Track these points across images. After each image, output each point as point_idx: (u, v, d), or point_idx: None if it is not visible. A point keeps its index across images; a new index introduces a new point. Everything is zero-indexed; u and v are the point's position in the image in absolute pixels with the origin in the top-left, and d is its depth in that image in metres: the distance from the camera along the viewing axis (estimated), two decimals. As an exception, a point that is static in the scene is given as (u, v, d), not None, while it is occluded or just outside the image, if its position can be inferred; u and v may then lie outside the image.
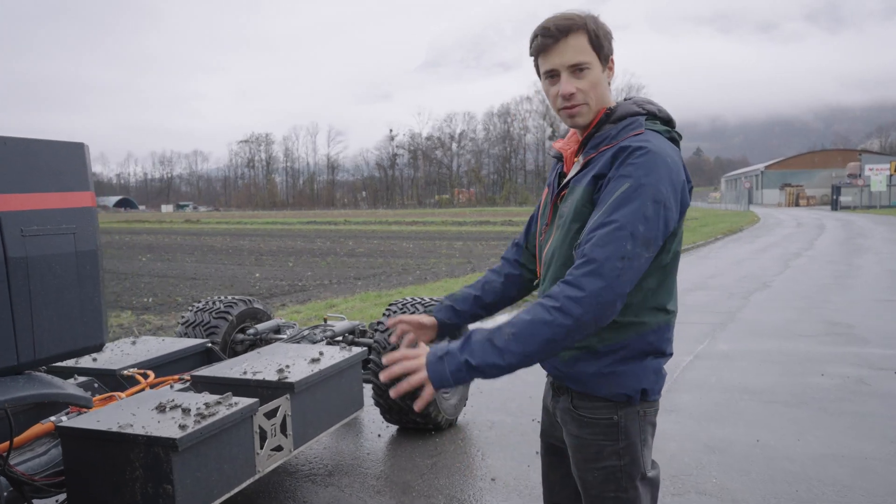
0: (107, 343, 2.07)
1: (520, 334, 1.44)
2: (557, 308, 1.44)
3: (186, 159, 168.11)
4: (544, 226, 1.82)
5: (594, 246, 1.49)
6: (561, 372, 1.73)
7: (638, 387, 1.67)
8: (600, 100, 1.68)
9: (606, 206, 1.52)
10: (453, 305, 1.99)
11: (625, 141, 1.61)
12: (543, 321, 1.44)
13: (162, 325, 8.97)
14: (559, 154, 1.85)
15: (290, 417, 3.10)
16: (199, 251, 23.19)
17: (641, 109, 1.69)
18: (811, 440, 4.06)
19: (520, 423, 4.52)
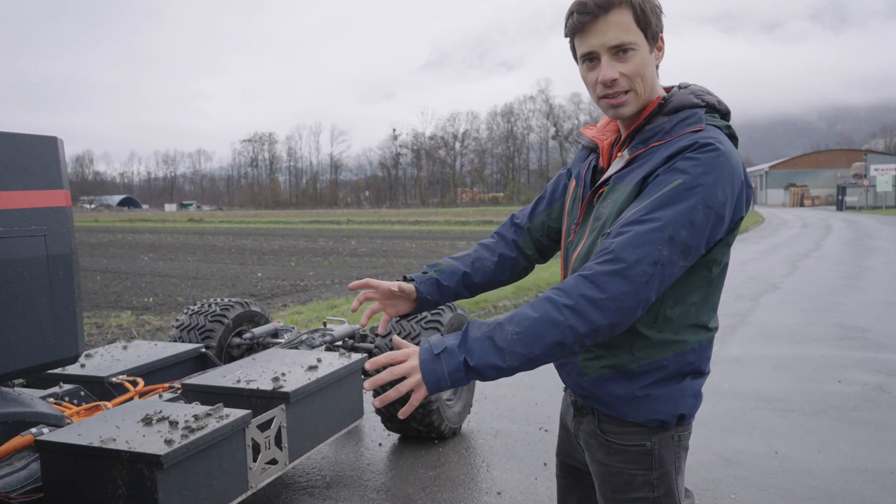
0: (82, 353, 1.90)
1: (525, 334, 1.26)
2: (570, 308, 1.26)
3: (190, 158, 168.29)
4: (573, 225, 1.61)
5: (626, 244, 1.30)
6: (586, 391, 1.54)
7: (675, 412, 1.48)
8: (649, 87, 1.46)
9: (650, 201, 1.33)
10: (439, 280, 1.72)
11: (685, 137, 1.39)
12: (553, 321, 1.26)
13: (161, 326, 8.82)
14: (593, 144, 1.64)
15: (286, 429, 2.93)
16: (202, 250, 23.06)
17: (700, 101, 1.46)
18: (833, 453, 3.88)
19: (526, 432, 4.35)
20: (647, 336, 1.45)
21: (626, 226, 1.33)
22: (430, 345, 1.29)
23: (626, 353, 1.47)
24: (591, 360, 1.51)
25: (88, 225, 48.04)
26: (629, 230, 1.32)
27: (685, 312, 1.45)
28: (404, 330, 3.98)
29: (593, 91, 1.48)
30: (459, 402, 4.37)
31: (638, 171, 1.42)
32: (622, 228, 1.33)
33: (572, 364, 1.56)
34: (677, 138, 1.40)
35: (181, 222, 53.08)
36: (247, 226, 45.47)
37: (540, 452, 4.01)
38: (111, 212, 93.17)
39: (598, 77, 1.43)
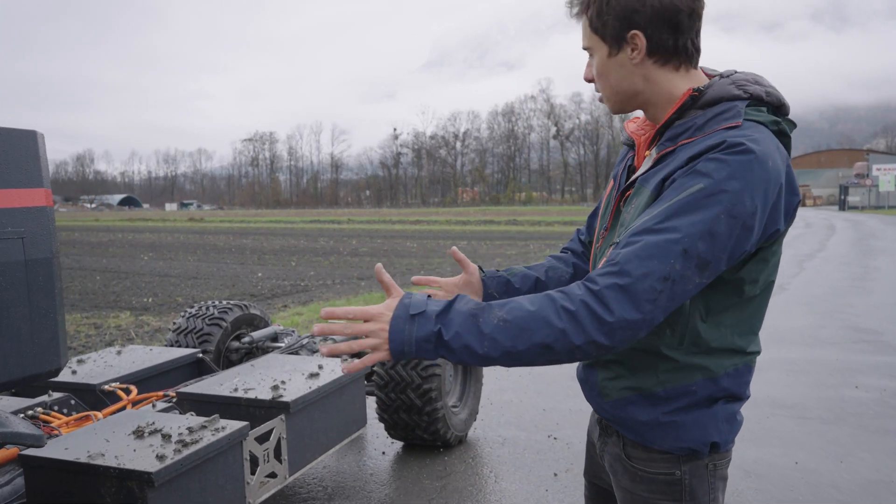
0: (64, 366, 1.76)
1: (512, 324, 1.13)
2: (571, 314, 1.13)
3: (190, 158, 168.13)
4: (603, 230, 1.46)
5: (634, 255, 1.14)
6: (607, 413, 1.40)
7: (705, 440, 1.31)
8: (623, 90, 1.35)
9: (665, 207, 1.17)
10: (510, 280, 1.61)
11: (715, 135, 1.22)
12: (547, 321, 1.12)
13: (160, 327, 8.68)
14: (631, 141, 1.49)
15: (285, 440, 2.79)
16: (202, 250, 22.92)
17: (742, 92, 1.27)
18: (856, 463, 3.73)
19: (534, 440, 4.20)
20: (672, 358, 1.29)
21: (636, 235, 1.18)
22: (410, 303, 1.16)
23: (650, 375, 1.32)
24: (611, 379, 1.37)
25: (89, 224, 47.91)
26: (639, 240, 1.16)
27: (717, 335, 1.28)
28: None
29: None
30: (465, 409, 4.22)
31: (661, 173, 1.26)
32: (631, 238, 1.18)
33: (592, 383, 1.42)
34: (707, 136, 1.23)
35: (181, 222, 52.96)
36: (247, 225, 45.33)
37: (550, 462, 3.86)
38: (112, 211, 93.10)
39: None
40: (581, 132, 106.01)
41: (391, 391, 3.79)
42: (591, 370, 1.43)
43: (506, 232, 32.67)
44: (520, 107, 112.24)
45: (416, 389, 3.73)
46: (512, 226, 38.79)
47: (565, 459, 3.88)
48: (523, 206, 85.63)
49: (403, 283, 12.91)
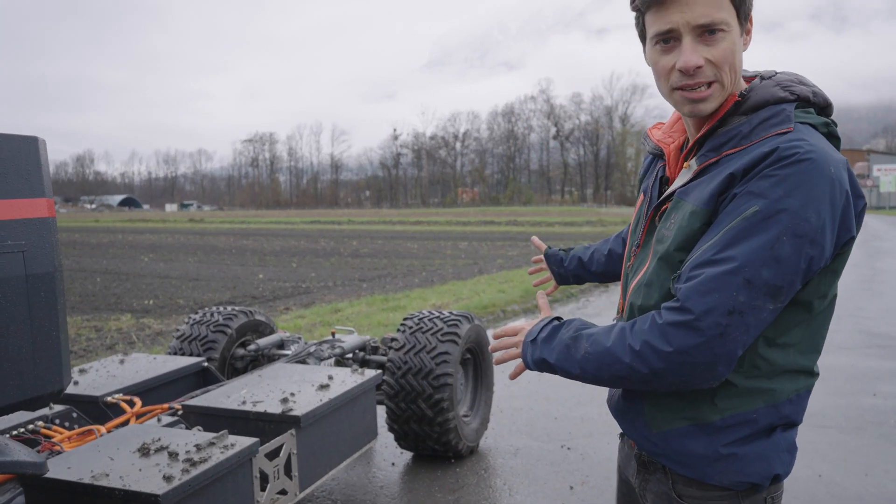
0: (67, 386, 1.66)
1: (594, 357, 1.22)
2: (636, 353, 1.16)
3: (191, 158, 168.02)
4: (635, 247, 1.36)
5: (694, 291, 1.10)
6: (655, 447, 1.28)
7: (769, 472, 1.21)
8: (736, 78, 1.18)
9: (721, 235, 1.10)
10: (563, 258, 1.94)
11: (767, 142, 1.12)
12: (618, 358, 1.19)
13: (162, 330, 8.58)
14: (658, 150, 1.37)
15: (296, 456, 2.68)
16: (202, 251, 22.83)
17: (788, 94, 1.18)
18: (881, 476, 3.62)
19: (548, 450, 4.09)
20: (731, 383, 1.19)
21: (697, 268, 1.13)
22: (533, 329, 1.34)
23: (706, 402, 1.21)
24: (662, 409, 1.25)
25: (89, 225, 47.80)
26: (699, 273, 1.12)
27: (782, 356, 1.19)
28: (419, 342, 3.72)
29: (665, 80, 1.20)
30: (477, 418, 4.12)
31: (706, 187, 1.16)
32: (692, 272, 1.13)
33: (636, 413, 1.30)
34: (757, 144, 1.13)
35: (182, 222, 52.87)
36: (247, 226, 45.25)
37: (564, 474, 3.75)
38: (112, 212, 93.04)
39: (675, 63, 1.16)
40: (581, 133, 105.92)
41: (402, 401, 3.68)
42: (634, 400, 1.31)
43: (506, 233, 32.57)
44: (520, 107, 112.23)
45: (428, 399, 3.62)
46: (512, 226, 38.69)
47: (580, 472, 3.78)
48: (523, 206, 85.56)
49: (406, 285, 12.81)
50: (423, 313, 3.97)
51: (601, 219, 44.70)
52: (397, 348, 3.75)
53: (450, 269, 15.81)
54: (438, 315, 3.92)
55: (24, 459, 1.43)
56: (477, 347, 4.09)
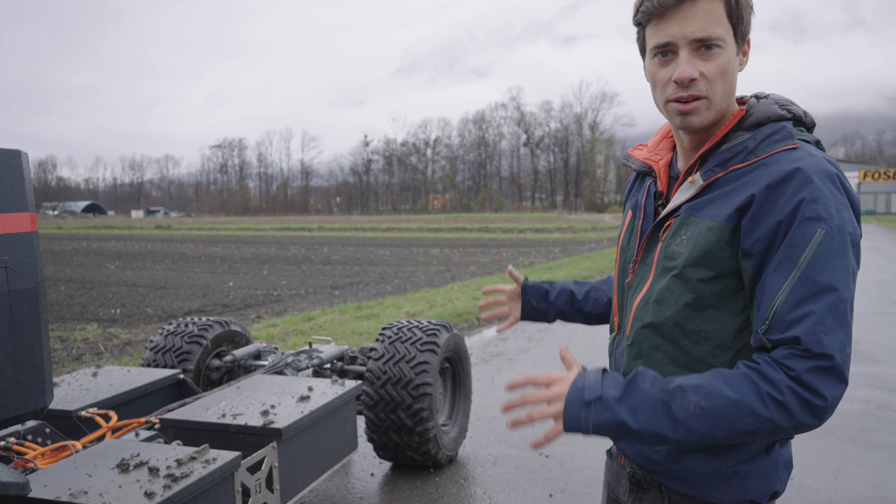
0: (49, 403, 1.62)
1: (712, 413, 1.07)
2: (780, 404, 1.06)
3: (157, 164, 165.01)
4: (631, 264, 1.36)
5: (820, 332, 1.06)
6: (656, 465, 1.29)
7: (769, 489, 1.24)
8: (727, 97, 1.22)
9: (805, 268, 1.09)
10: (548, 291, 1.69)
11: (780, 158, 1.16)
12: (752, 410, 1.06)
13: (130, 340, 8.41)
14: (646, 167, 1.39)
15: (277, 469, 2.66)
16: (170, 258, 22.46)
17: (787, 112, 1.23)
18: (850, 479, 3.72)
19: (526, 459, 4.11)
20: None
21: (798, 307, 1.08)
22: (584, 386, 1.13)
23: None
24: None
25: (52, 232, 46.65)
26: (808, 312, 1.07)
27: None
28: (398, 352, 3.72)
29: (661, 91, 1.22)
30: (455, 427, 4.12)
31: (723, 203, 1.18)
32: (794, 313, 1.08)
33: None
34: (767, 158, 1.17)
35: (148, 229, 51.95)
36: (216, 233, 44.63)
37: (543, 482, 3.78)
38: (75, 218, 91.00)
39: (671, 75, 1.19)
40: (551, 140, 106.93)
41: (381, 411, 3.67)
42: None
43: (478, 239, 32.67)
44: (490, 114, 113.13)
45: (407, 409, 3.62)
46: (484, 233, 38.84)
47: (559, 479, 3.80)
48: (494, 213, 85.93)
49: (379, 293, 12.77)
50: (402, 323, 3.97)
51: (571, 225, 45.12)
52: (376, 358, 3.74)
53: (422, 277, 15.80)
54: (417, 324, 3.92)
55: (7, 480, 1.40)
56: (455, 356, 4.10)
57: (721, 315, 1.19)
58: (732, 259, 1.17)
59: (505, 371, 6.21)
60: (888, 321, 8.47)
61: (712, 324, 1.19)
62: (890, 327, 8.06)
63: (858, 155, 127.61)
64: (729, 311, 1.19)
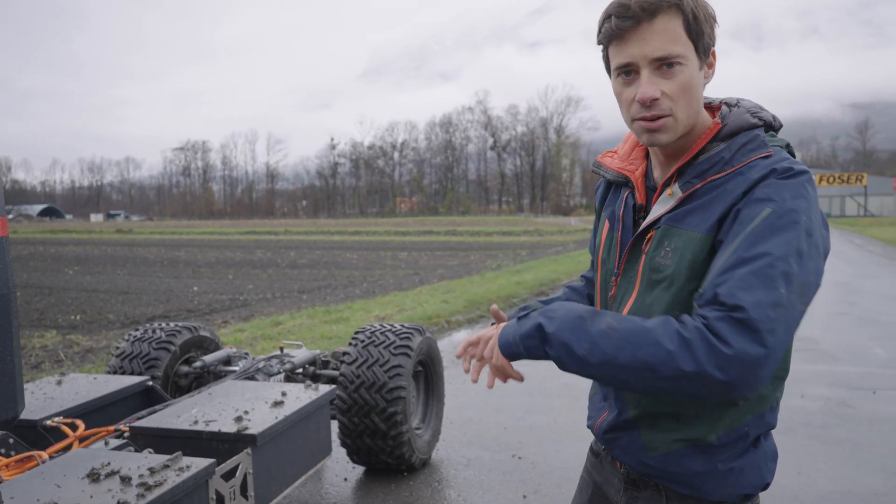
0: (21, 413, 1.58)
1: (620, 333, 1.11)
2: (685, 341, 1.06)
3: (117, 166, 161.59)
4: (613, 277, 1.36)
5: (735, 288, 1.07)
6: (653, 469, 1.30)
7: (762, 481, 1.28)
8: (693, 112, 1.23)
9: (742, 238, 1.12)
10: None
11: (755, 166, 1.19)
12: (658, 341, 1.08)
13: (92, 347, 8.21)
14: (622, 178, 1.39)
15: (252, 475, 2.63)
16: (132, 263, 22.00)
17: (759, 120, 1.25)
18: (813, 474, 3.82)
19: (499, 461, 4.13)
20: (733, 402, 1.23)
21: (726, 272, 1.10)
22: (518, 311, 1.23)
23: (704, 422, 1.25)
24: (659, 433, 1.28)
25: (6, 236, 45.20)
26: (731, 276, 1.09)
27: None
28: (371, 356, 3.70)
29: (627, 111, 1.25)
30: (429, 430, 4.12)
31: (703, 213, 1.20)
32: (721, 277, 1.11)
33: (631, 439, 1.32)
34: (743, 167, 1.20)
35: (108, 233, 50.78)
36: (179, 237, 43.85)
37: (516, 483, 3.80)
38: (31, 222, 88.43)
39: (635, 94, 1.21)
40: (517, 143, 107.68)
41: (354, 415, 3.65)
42: (628, 428, 1.33)
43: (446, 242, 32.72)
44: (457, 118, 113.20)
45: (381, 413, 3.61)
46: (451, 236, 38.91)
47: (532, 480, 3.83)
48: (462, 216, 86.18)
49: (347, 296, 12.69)
50: (375, 326, 3.96)
51: (538, 228, 45.49)
52: (349, 362, 3.72)
53: (391, 280, 15.76)
54: (390, 328, 3.91)
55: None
56: (428, 360, 4.10)
57: None
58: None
59: (476, 374, 6.23)
60: (846, 321, 8.74)
61: None
62: (848, 327, 8.32)
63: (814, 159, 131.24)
64: None
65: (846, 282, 12.96)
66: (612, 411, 1.37)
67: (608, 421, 1.38)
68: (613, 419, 1.36)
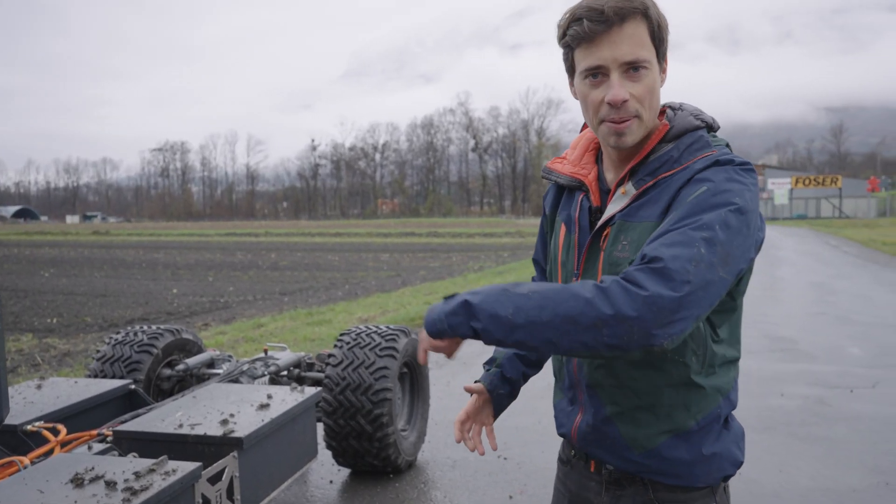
0: (6, 416, 1.55)
1: (540, 294, 1.14)
2: (602, 289, 1.11)
3: (94, 167, 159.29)
4: (574, 277, 1.40)
5: (659, 245, 1.14)
6: (639, 465, 1.33)
7: (737, 462, 1.35)
8: (654, 112, 1.31)
9: (675, 213, 1.20)
10: (502, 372, 1.61)
11: (699, 162, 1.27)
12: (576, 294, 1.12)
13: (69, 351, 8.10)
14: (576, 182, 1.43)
15: (238, 479, 2.61)
16: (110, 265, 21.71)
17: (701, 122, 1.33)
18: (793, 472, 3.88)
19: (484, 461, 4.14)
20: (700, 385, 1.29)
21: (653, 241, 1.17)
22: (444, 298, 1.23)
23: (682, 410, 1.29)
24: (639, 428, 1.31)
25: (-21, 238, 44.42)
26: (655, 241, 1.16)
27: (723, 350, 1.31)
28: (357, 358, 3.69)
29: (594, 112, 1.30)
30: (414, 432, 4.12)
31: (654, 205, 1.28)
32: (647, 245, 1.17)
33: (612, 439, 1.35)
34: (689, 165, 1.27)
35: (85, 235, 50.07)
36: (158, 238, 43.38)
37: (503, 484, 3.81)
38: (5, 224, 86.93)
39: (604, 96, 1.26)
40: (499, 145, 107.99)
41: (340, 417, 3.64)
42: (607, 427, 1.36)
43: (427, 244, 32.72)
44: (439, 119, 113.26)
45: (367, 415, 3.60)
46: (433, 238, 38.91)
47: (518, 481, 3.85)
48: (443, 217, 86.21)
49: (329, 298, 12.63)
50: (360, 328, 3.95)
51: (519, 230, 45.62)
52: (335, 364, 3.71)
53: (373, 282, 15.72)
54: (376, 329, 3.90)
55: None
56: (414, 361, 4.10)
57: None
58: None
59: (461, 375, 6.24)
60: (823, 321, 8.88)
61: None
62: (824, 327, 8.45)
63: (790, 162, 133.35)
64: None
65: (823, 282, 13.17)
66: (586, 412, 1.39)
67: (585, 422, 1.39)
68: (591, 420, 1.38)
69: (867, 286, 12.58)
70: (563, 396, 1.49)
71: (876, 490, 3.63)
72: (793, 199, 55.21)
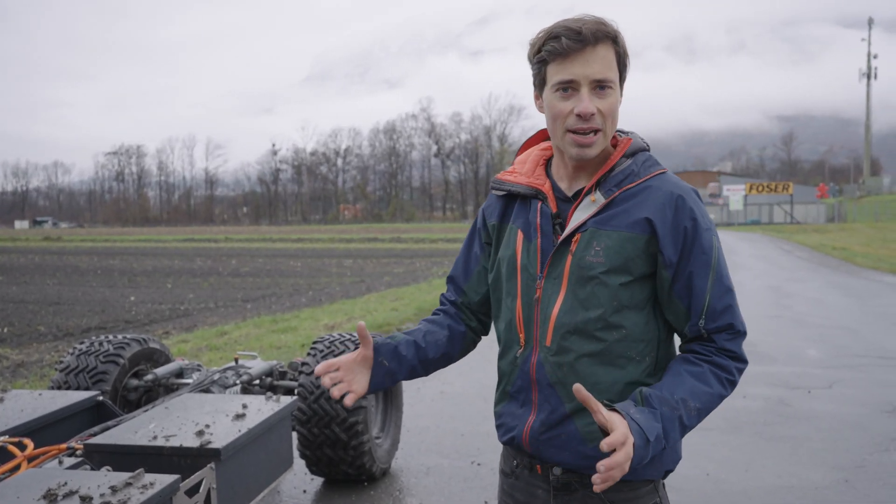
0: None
1: (703, 410, 1.37)
2: (733, 383, 1.40)
3: (45, 171, 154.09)
4: (538, 280, 1.45)
5: (738, 315, 1.44)
6: (592, 459, 1.33)
7: (677, 457, 1.48)
8: (613, 131, 1.45)
9: (716, 266, 1.42)
10: (397, 346, 1.55)
11: (662, 180, 1.44)
12: (721, 395, 1.40)
13: (23, 361, 7.83)
14: (533, 191, 1.51)
15: (216, 490, 2.56)
16: (62, 272, 21.08)
17: (646, 144, 1.52)
18: (759, 471, 3.99)
19: (459, 468, 4.15)
20: (649, 385, 1.41)
21: (723, 298, 1.41)
22: (642, 430, 1.27)
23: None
24: (593, 422, 1.34)
25: (-78, 244, 42.60)
26: (727, 305, 1.41)
27: (669, 351, 1.49)
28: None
29: (561, 123, 1.40)
30: (388, 439, 4.11)
31: (626, 216, 1.40)
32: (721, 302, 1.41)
33: (569, 435, 1.41)
34: (649, 180, 1.43)
35: (36, 241, 48.52)
36: (113, 244, 42.28)
37: (478, 489, 3.83)
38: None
39: (573, 108, 1.37)
40: (461, 151, 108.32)
41: (314, 426, 3.61)
42: (563, 424, 1.41)
43: (391, 249, 32.62)
44: (401, 125, 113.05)
45: (342, 423, 3.57)
46: (396, 243, 38.80)
47: (492, 486, 3.86)
48: (406, 223, 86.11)
49: (294, 305, 12.49)
50: (334, 336, 3.92)
51: (482, 235, 45.68)
52: (308, 373, 3.67)
53: (337, 288, 15.61)
54: (350, 337, 3.88)
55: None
56: (386, 382, 4.08)
57: (632, 312, 1.41)
58: (646, 265, 1.40)
59: (431, 381, 6.24)
60: (780, 324, 9.15)
61: (627, 320, 1.40)
62: (782, 329, 8.71)
63: (744, 169, 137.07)
64: (637, 308, 1.41)
65: (778, 286, 13.57)
66: (539, 413, 1.45)
67: (539, 422, 1.44)
68: (545, 419, 1.43)
69: (820, 290, 13.01)
70: (511, 400, 1.52)
71: (837, 487, 3.76)
72: (747, 205, 56.68)
